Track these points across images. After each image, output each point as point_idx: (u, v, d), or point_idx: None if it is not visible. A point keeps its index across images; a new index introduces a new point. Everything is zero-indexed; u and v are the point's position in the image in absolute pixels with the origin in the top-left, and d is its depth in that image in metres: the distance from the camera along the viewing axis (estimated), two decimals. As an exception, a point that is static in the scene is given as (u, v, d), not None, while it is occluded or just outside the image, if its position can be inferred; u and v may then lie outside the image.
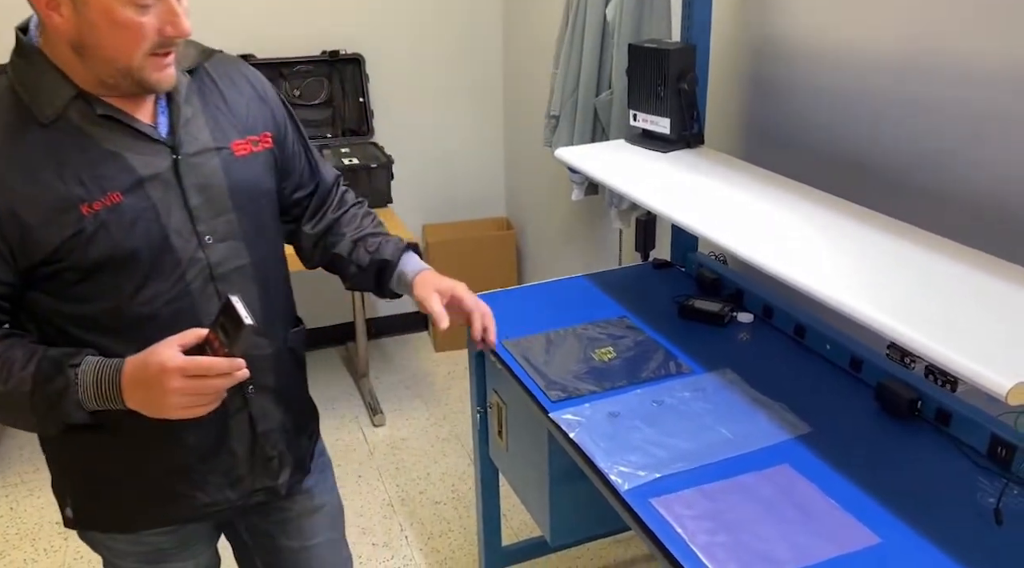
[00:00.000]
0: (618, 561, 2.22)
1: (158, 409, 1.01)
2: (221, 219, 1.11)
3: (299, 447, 1.29)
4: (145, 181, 1.04)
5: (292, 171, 1.29)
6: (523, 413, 1.67)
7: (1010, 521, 1.12)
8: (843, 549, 1.09)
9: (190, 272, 1.09)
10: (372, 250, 1.33)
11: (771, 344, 1.64)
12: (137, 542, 1.22)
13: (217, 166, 1.11)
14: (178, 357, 0.98)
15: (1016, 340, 0.98)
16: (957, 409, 1.30)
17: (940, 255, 1.25)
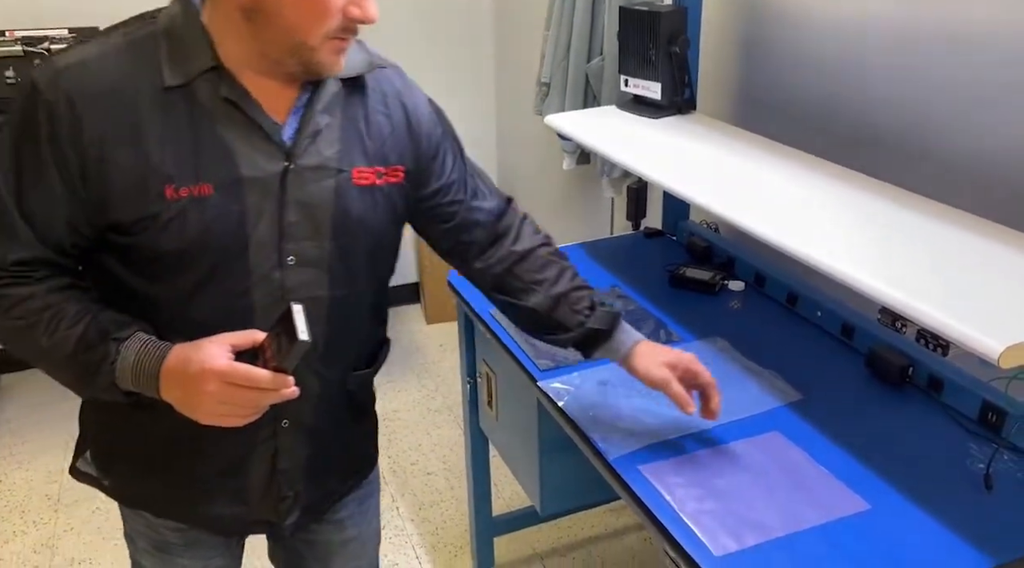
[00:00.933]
0: (609, 530, 2.22)
1: (190, 409, 0.93)
2: (312, 243, 0.99)
3: (322, 492, 1.18)
4: (244, 182, 0.94)
5: (443, 207, 1.14)
6: (513, 383, 1.66)
7: (1000, 486, 1.11)
8: (832, 515, 1.08)
9: (258, 290, 0.98)
10: (579, 311, 1.18)
11: (762, 312, 1.62)
12: (150, 527, 1.17)
13: (329, 188, 0.99)
14: (222, 360, 0.89)
15: (1009, 303, 0.97)
16: (948, 375, 1.29)
17: (934, 220, 1.23)
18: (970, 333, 0.88)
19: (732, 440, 1.23)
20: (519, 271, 1.19)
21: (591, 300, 1.19)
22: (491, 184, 1.21)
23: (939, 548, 1.02)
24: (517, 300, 1.20)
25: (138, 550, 1.22)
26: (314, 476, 1.14)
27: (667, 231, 2.02)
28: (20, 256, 0.94)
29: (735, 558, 1.01)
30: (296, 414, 1.06)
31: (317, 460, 1.13)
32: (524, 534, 2.19)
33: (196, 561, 1.21)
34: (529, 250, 1.20)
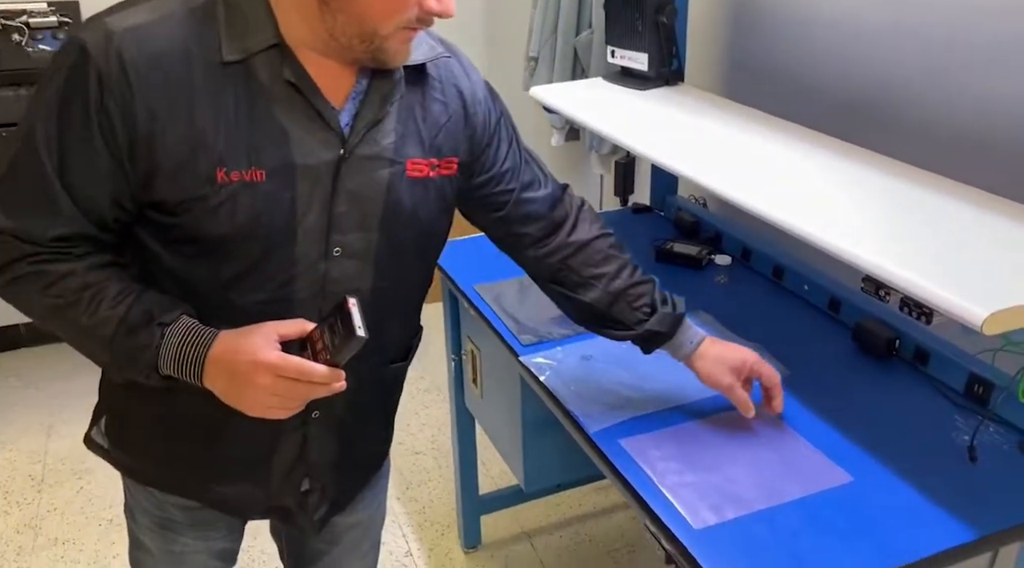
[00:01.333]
0: (597, 508, 2.21)
1: (236, 400, 0.89)
2: (359, 235, 0.95)
3: (348, 484, 1.16)
4: (298, 169, 0.89)
5: (496, 196, 1.09)
6: (496, 359, 1.64)
7: (984, 458, 1.10)
8: (814, 488, 1.06)
9: (301, 280, 0.94)
10: (638, 309, 1.14)
11: (749, 286, 1.60)
12: (155, 504, 1.13)
13: (382, 180, 0.94)
14: (274, 352, 0.86)
15: (993, 270, 0.95)
16: (935, 348, 1.27)
17: (923, 188, 1.21)
18: (953, 299, 0.86)
19: (715, 414, 1.21)
20: (575, 264, 1.14)
21: (652, 298, 1.15)
22: (547, 171, 1.16)
23: (922, 520, 1.00)
24: (574, 294, 1.15)
25: (138, 526, 1.17)
26: (342, 470, 1.11)
27: (655, 206, 1.99)
28: (60, 232, 0.89)
29: (715, 531, 1.00)
30: (328, 406, 1.01)
31: (346, 454, 1.09)
32: (512, 512, 2.17)
33: (198, 541, 1.16)
34: (586, 242, 1.15)
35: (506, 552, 2.07)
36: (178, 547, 1.16)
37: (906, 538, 0.97)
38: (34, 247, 0.88)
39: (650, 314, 1.15)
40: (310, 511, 1.11)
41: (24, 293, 0.91)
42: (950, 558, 0.96)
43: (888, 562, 0.95)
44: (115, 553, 2.07)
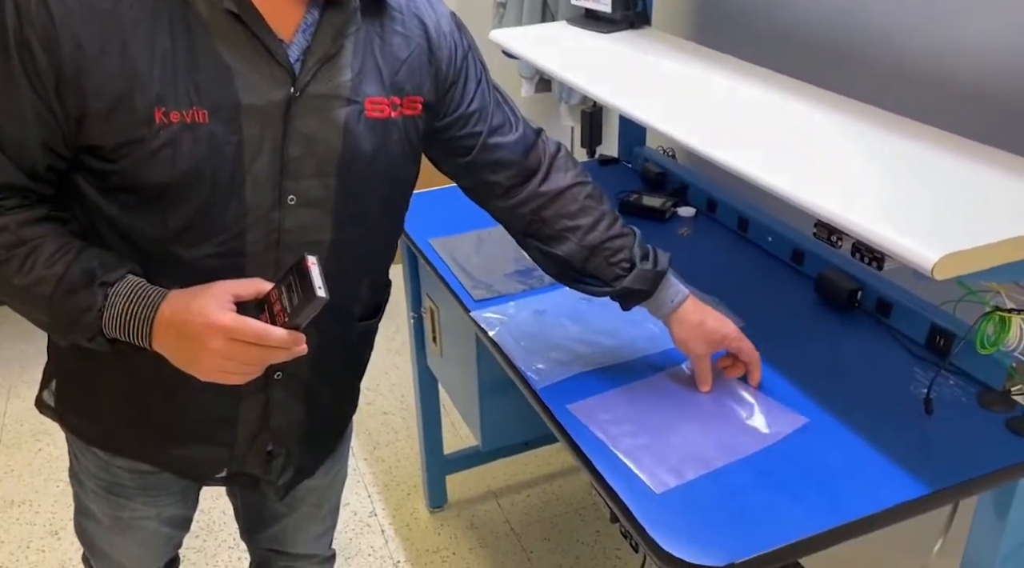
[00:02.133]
0: (565, 467, 2.19)
1: (188, 364, 0.83)
2: (315, 182, 0.88)
3: (314, 448, 1.11)
4: (243, 109, 0.83)
5: (462, 140, 1.02)
6: (453, 316, 1.59)
7: (941, 411, 1.05)
8: (773, 439, 1.02)
9: (253, 232, 0.87)
10: (616, 264, 1.07)
11: (712, 238, 1.55)
12: (103, 468, 1.07)
13: (339, 120, 0.87)
14: (228, 314, 0.79)
15: (950, 214, 0.89)
16: (897, 298, 1.23)
17: (891, 132, 1.14)
18: (901, 242, 0.81)
19: (665, 369, 1.17)
20: (549, 215, 1.06)
21: (631, 252, 1.08)
22: (518, 113, 1.08)
23: (874, 474, 0.96)
24: (547, 247, 1.08)
25: (85, 491, 1.11)
26: (307, 434, 1.05)
27: (623, 158, 1.93)
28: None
29: (676, 494, 0.95)
30: (291, 367, 0.95)
31: (311, 417, 1.04)
32: (478, 472, 2.15)
33: (148, 507, 1.11)
34: (560, 191, 1.06)
35: (472, 512, 2.05)
36: (127, 513, 1.11)
37: (857, 493, 0.94)
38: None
39: (629, 270, 1.07)
40: (274, 476, 1.05)
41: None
42: (901, 513, 0.93)
43: (839, 517, 0.91)
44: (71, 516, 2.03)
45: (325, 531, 1.32)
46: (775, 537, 0.88)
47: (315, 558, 1.33)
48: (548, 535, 1.97)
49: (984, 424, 1.03)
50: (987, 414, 1.05)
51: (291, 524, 1.26)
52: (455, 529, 2.00)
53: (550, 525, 2.00)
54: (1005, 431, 1.02)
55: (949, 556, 1.21)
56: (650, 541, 0.89)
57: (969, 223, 0.86)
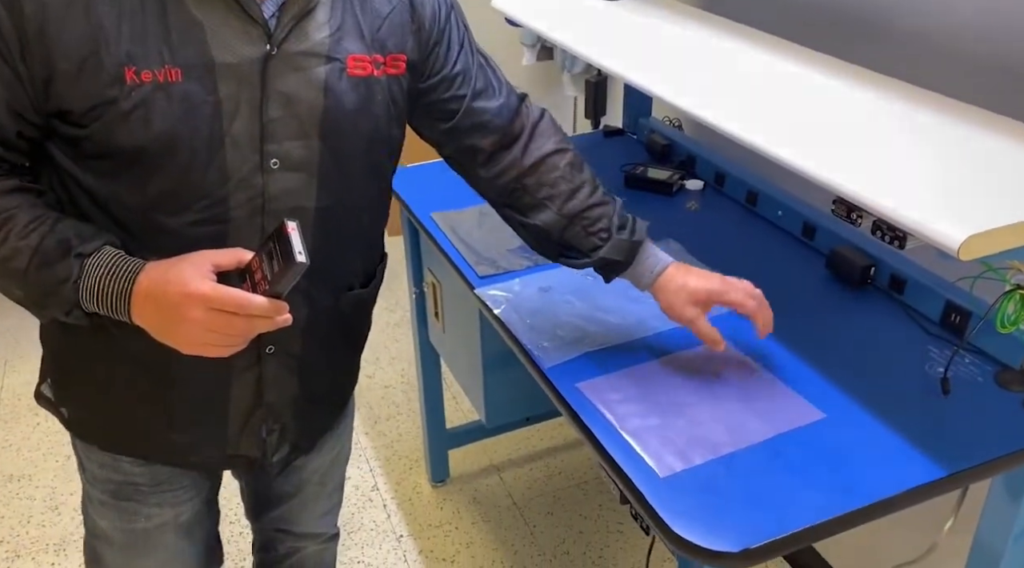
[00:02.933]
0: (567, 441, 2.18)
1: (168, 336, 0.81)
2: (298, 144, 0.86)
3: (311, 424, 1.07)
4: (217, 68, 0.80)
5: (444, 103, 0.99)
6: (455, 292, 1.56)
7: (957, 391, 1.03)
8: (785, 427, 1.00)
9: (236, 197, 0.85)
10: (594, 234, 1.03)
11: (721, 212, 1.52)
12: (111, 468, 1.03)
13: (319, 78, 0.85)
14: (206, 282, 0.77)
15: (975, 191, 0.86)
16: (912, 275, 1.20)
17: (909, 104, 1.11)
18: (926, 222, 0.78)
19: (677, 350, 1.14)
20: (530, 183, 1.04)
21: (609, 222, 1.04)
22: (502, 77, 1.05)
23: (889, 458, 0.94)
24: (527, 217, 1.05)
25: (94, 504, 1.07)
26: (303, 409, 1.03)
27: (628, 129, 1.89)
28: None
29: (681, 478, 0.93)
30: (282, 340, 0.94)
31: (306, 392, 1.01)
32: (480, 446, 2.14)
33: (164, 510, 1.07)
34: (541, 158, 1.04)
35: (474, 485, 2.04)
36: (140, 522, 1.06)
37: (871, 476, 0.92)
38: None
39: (606, 240, 1.04)
40: (270, 453, 1.03)
41: None
42: (916, 497, 0.91)
43: (854, 501, 0.89)
44: (72, 490, 2.03)
45: (331, 509, 1.31)
46: (790, 522, 0.86)
47: (320, 536, 1.32)
48: (551, 509, 1.97)
49: (1002, 404, 1.01)
50: (1004, 393, 1.03)
51: (296, 504, 1.24)
52: (457, 503, 1.99)
53: (552, 499, 2.00)
54: (1022, 411, 1.00)
55: (960, 534, 1.20)
56: (663, 526, 0.87)
57: (995, 201, 0.83)
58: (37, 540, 1.89)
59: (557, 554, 1.85)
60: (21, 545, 1.88)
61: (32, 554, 1.86)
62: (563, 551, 1.86)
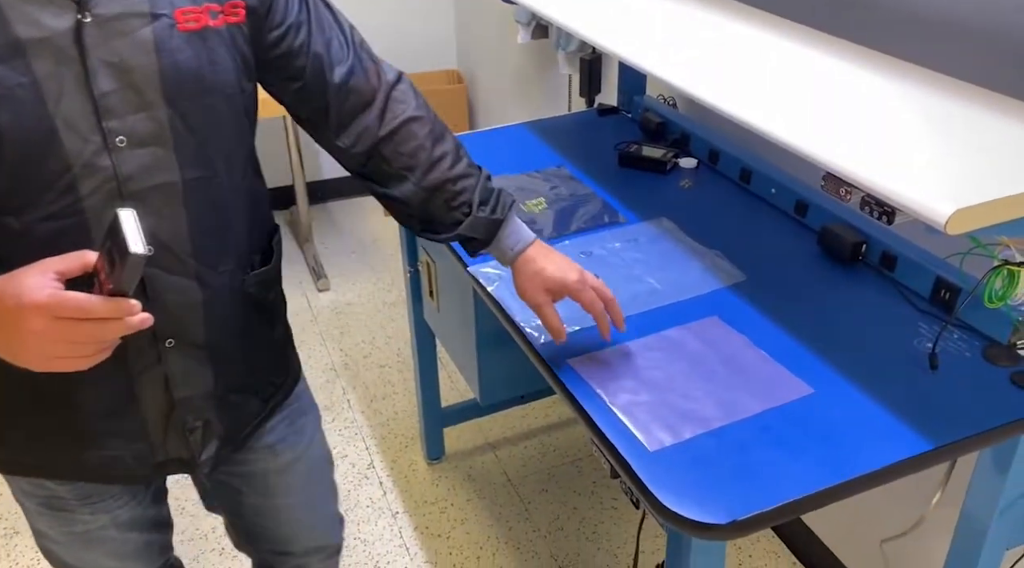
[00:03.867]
0: (562, 419, 2.19)
1: (14, 355, 0.74)
2: (142, 115, 0.79)
3: (237, 416, 1.02)
4: (27, 47, 0.73)
5: (291, 58, 0.93)
6: (449, 271, 1.57)
7: (945, 366, 1.04)
8: (774, 402, 1.01)
9: (86, 183, 0.78)
10: (456, 208, 0.99)
11: (714, 190, 1.52)
12: (36, 485, 0.99)
13: (147, 39, 0.78)
14: (44, 290, 0.70)
15: (965, 167, 0.87)
16: (902, 252, 1.20)
17: (899, 81, 1.11)
18: (913, 196, 0.78)
19: (669, 326, 1.15)
20: (387, 152, 0.99)
21: (471, 196, 1.01)
22: (351, 37, 0.99)
23: (876, 431, 0.96)
24: (386, 189, 1.01)
25: (30, 512, 1.04)
26: (224, 401, 0.98)
27: (622, 107, 1.88)
28: None
29: (671, 452, 0.94)
30: (181, 331, 0.89)
31: (223, 382, 0.97)
32: (475, 424, 2.15)
33: (98, 516, 1.02)
34: (398, 126, 0.99)
35: (469, 463, 2.06)
36: (79, 527, 1.03)
37: (858, 449, 0.93)
38: None
39: (468, 214, 1.01)
40: (196, 452, 0.98)
41: None
42: (902, 469, 0.92)
43: (842, 473, 0.90)
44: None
45: (327, 517, 1.25)
46: (778, 494, 0.88)
47: (324, 551, 1.26)
48: (545, 486, 1.98)
49: (989, 378, 1.02)
50: (992, 368, 1.04)
51: (284, 522, 1.18)
52: (453, 480, 2.01)
53: (547, 476, 2.01)
54: (1010, 385, 1.01)
55: (947, 507, 1.22)
56: (652, 499, 0.88)
57: (983, 176, 0.83)
58: (36, 518, 1.91)
59: (551, 530, 1.87)
60: (20, 523, 1.89)
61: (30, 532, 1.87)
62: (557, 527, 1.88)
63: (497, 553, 1.82)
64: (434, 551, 1.83)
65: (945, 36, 1.22)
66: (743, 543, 1.83)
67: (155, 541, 1.13)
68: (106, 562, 1.09)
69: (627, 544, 1.83)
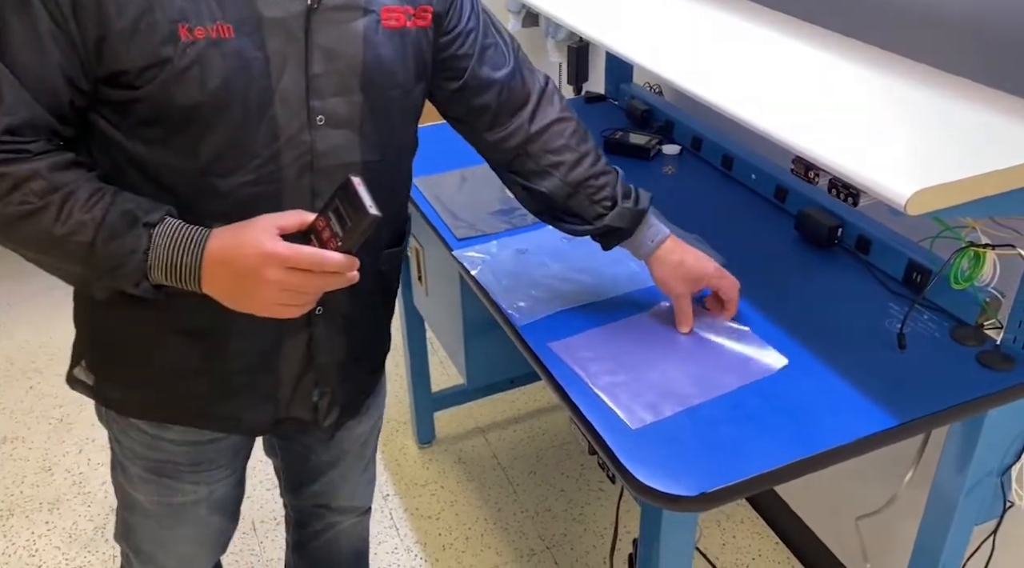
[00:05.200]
0: (550, 403, 2.22)
1: (243, 300, 0.81)
2: (341, 100, 0.87)
3: (356, 387, 1.10)
4: (265, 23, 0.81)
5: (456, 61, 1.00)
6: (437, 255, 1.59)
7: (913, 345, 1.07)
8: (752, 377, 1.03)
9: (287, 155, 0.86)
10: (598, 202, 1.06)
11: (696, 176, 1.54)
12: (151, 446, 1.04)
13: (357, 31, 0.86)
14: (282, 243, 0.78)
15: (928, 149, 0.89)
16: (876, 235, 1.23)
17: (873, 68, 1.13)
18: (875, 178, 0.81)
19: (647, 308, 1.18)
20: (534, 150, 1.06)
21: (613, 191, 1.07)
22: (511, 43, 1.06)
23: (844, 408, 0.98)
24: (530, 183, 1.07)
25: (130, 479, 1.08)
26: (349, 371, 1.05)
27: (610, 95, 1.91)
28: (10, 121, 0.77)
29: (652, 429, 0.96)
30: (331, 301, 0.94)
31: (352, 352, 1.03)
32: (465, 409, 2.18)
33: (200, 488, 1.09)
34: (547, 125, 1.06)
35: (459, 446, 2.09)
36: (178, 497, 1.09)
37: (829, 425, 0.96)
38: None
39: (610, 208, 1.07)
40: (321, 417, 1.05)
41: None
42: (869, 444, 0.95)
43: (808, 449, 0.93)
44: (64, 452, 2.07)
45: (369, 481, 1.33)
46: (745, 468, 0.90)
47: (357, 509, 1.34)
48: (533, 469, 2.02)
49: (956, 358, 1.05)
50: (959, 348, 1.07)
51: (337, 476, 1.25)
52: (443, 463, 2.04)
53: (535, 459, 2.05)
54: (975, 364, 1.04)
55: (919, 487, 1.25)
56: (625, 472, 0.91)
57: (945, 158, 0.86)
58: (31, 499, 1.94)
59: (539, 511, 1.90)
60: (15, 504, 1.92)
61: (26, 512, 1.90)
62: (545, 508, 1.91)
63: (486, 534, 1.85)
64: (424, 532, 1.86)
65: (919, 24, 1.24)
66: (727, 524, 1.86)
67: (226, 532, 1.20)
68: (183, 547, 1.15)
69: (612, 526, 1.86)
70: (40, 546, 1.82)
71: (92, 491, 1.95)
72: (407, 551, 1.82)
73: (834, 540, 1.68)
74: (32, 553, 1.81)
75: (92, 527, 1.86)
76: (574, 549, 1.81)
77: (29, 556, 1.80)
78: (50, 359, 2.36)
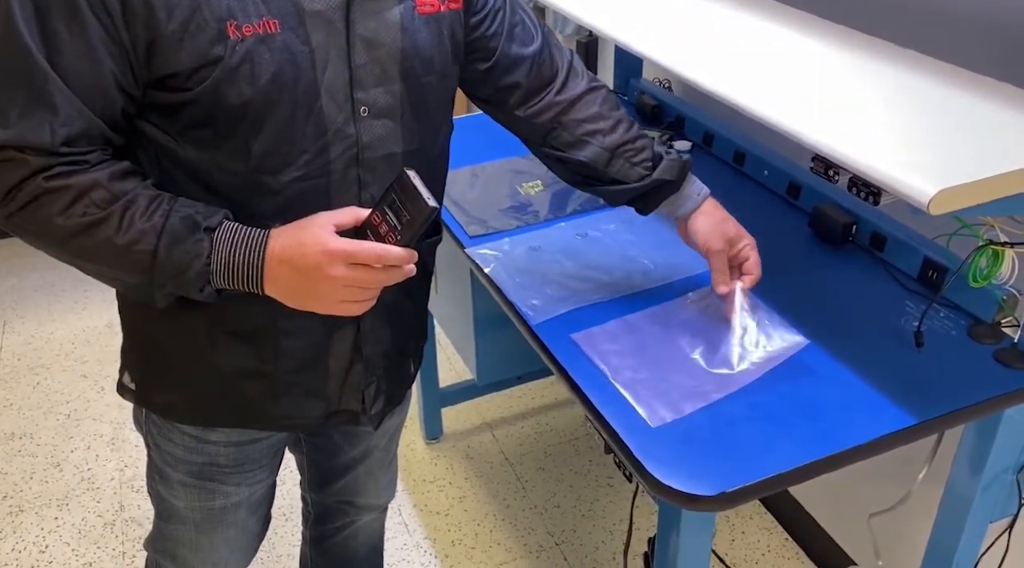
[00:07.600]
0: (559, 399, 2.22)
1: (307, 299, 0.82)
2: (383, 90, 0.87)
3: (400, 375, 1.10)
4: (307, 16, 0.81)
5: (486, 41, 1.00)
6: (447, 252, 1.58)
7: (931, 344, 1.07)
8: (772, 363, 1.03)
9: (335, 148, 0.86)
10: (639, 164, 1.06)
11: (709, 172, 1.53)
12: (195, 450, 1.03)
13: (395, 20, 0.86)
14: (343, 239, 0.79)
15: (949, 148, 0.88)
16: (891, 232, 1.23)
17: (892, 65, 1.12)
18: (897, 177, 0.80)
19: (665, 301, 1.17)
20: (567, 121, 1.06)
21: (652, 152, 1.08)
22: (536, 20, 1.06)
23: (862, 406, 0.98)
24: (569, 154, 1.07)
25: (171, 486, 1.07)
26: (393, 360, 1.05)
27: (619, 90, 1.90)
28: (67, 132, 0.76)
29: (671, 427, 0.96)
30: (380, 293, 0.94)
31: (396, 342, 1.04)
32: (473, 405, 2.18)
33: (241, 489, 1.09)
34: (577, 96, 1.06)
35: (467, 443, 2.09)
36: (219, 500, 1.08)
37: (846, 424, 0.96)
38: (44, 159, 0.76)
39: (652, 168, 1.07)
40: (368, 407, 1.05)
41: (41, 217, 0.78)
42: (887, 444, 0.95)
43: (826, 448, 0.93)
44: (72, 448, 2.07)
45: (391, 479, 1.33)
46: (764, 468, 0.90)
47: (379, 507, 1.35)
48: (542, 465, 2.02)
49: (973, 356, 1.05)
50: (976, 346, 1.06)
51: (363, 472, 1.26)
52: (451, 460, 2.04)
53: (544, 455, 2.05)
54: (993, 363, 1.04)
55: (933, 483, 1.25)
56: (644, 471, 0.91)
57: (966, 157, 0.85)
58: (40, 496, 1.94)
59: (548, 507, 1.90)
60: (24, 500, 1.93)
61: (35, 509, 1.91)
62: (553, 504, 1.91)
63: (495, 530, 1.85)
64: (433, 528, 1.86)
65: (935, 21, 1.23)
66: (736, 520, 1.86)
67: (259, 536, 1.21)
68: (221, 552, 1.15)
69: (622, 521, 1.86)
70: (50, 542, 1.82)
71: (101, 486, 1.96)
72: (416, 547, 1.82)
73: (845, 537, 1.68)
74: (42, 549, 1.81)
75: (101, 523, 1.86)
76: (583, 545, 1.81)
77: (39, 552, 1.80)
78: (56, 355, 2.36)
